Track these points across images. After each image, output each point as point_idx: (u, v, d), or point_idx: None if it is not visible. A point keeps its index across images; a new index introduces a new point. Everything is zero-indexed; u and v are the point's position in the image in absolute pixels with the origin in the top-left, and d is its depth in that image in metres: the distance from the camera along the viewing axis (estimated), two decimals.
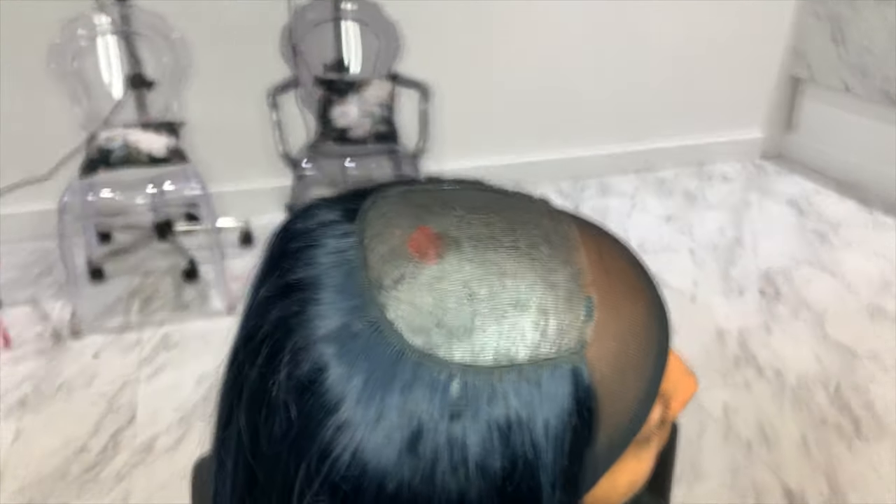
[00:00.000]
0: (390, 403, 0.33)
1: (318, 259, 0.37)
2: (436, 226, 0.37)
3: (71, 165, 2.41)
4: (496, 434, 0.33)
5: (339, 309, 0.35)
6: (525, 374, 0.34)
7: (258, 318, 0.38)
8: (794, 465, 1.79)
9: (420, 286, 0.35)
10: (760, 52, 3.53)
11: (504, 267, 0.36)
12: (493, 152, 3.29)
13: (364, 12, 2.74)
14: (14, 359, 2.17)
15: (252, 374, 0.37)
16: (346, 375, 0.33)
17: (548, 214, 0.41)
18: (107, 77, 2.53)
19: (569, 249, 0.38)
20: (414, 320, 0.34)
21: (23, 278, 2.58)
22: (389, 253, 0.36)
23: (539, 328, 0.35)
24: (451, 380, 0.33)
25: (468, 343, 0.34)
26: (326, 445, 0.33)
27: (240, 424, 0.37)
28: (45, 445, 1.87)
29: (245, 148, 2.92)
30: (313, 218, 0.40)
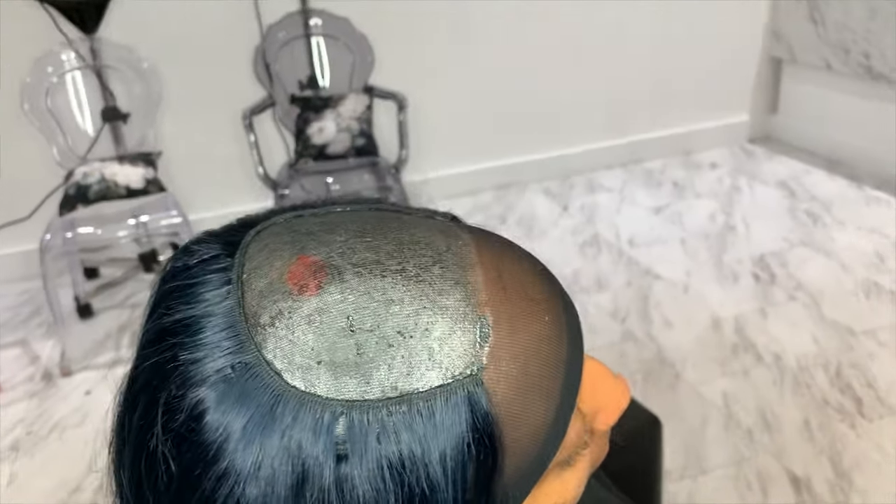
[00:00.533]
0: (271, 449, 0.31)
1: (195, 299, 0.35)
2: (318, 254, 0.35)
3: (51, 204, 2.40)
4: (388, 473, 0.31)
5: (215, 352, 0.33)
6: (416, 405, 0.32)
7: (136, 367, 0.36)
8: (797, 451, 1.76)
9: (299, 321, 0.33)
10: (740, 35, 3.52)
11: (389, 294, 0.34)
12: (476, 157, 3.27)
13: (334, 27, 2.72)
14: (5, 403, 2.15)
15: (132, 426, 0.35)
16: (223, 422, 0.31)
17: (443, 232, 0.38)
18: (79, 113, 2.52)
19: (462, 268, 0.36)
20: (293, 359, 0.32)
21: (12, 320, 2.57)
22: (267, 287, 0.34)
23: (429, 355, 0.33)
24: (336, 419, 0.31)
25: (353, 378, 0.32)
26: (208, 497, 0.32)
27: (125, 479, 0.35)
28: (39, 488, 1.85)
29: (224, 173, 2.91)
30: (193, 255, 0.37)
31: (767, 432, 1.82)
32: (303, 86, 2.73)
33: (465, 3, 2.98)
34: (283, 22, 2.69)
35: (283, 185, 2.64)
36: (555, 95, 3.29)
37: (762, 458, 1.75)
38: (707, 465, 1.75)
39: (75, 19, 2.43)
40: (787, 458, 1.74)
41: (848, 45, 3.13)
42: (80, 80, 2.51)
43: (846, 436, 1.78)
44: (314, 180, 2.64)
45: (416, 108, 2.86)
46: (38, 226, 2.34)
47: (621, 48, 3.31)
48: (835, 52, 3.21)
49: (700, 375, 2.03)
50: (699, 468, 1.74)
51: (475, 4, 3.00)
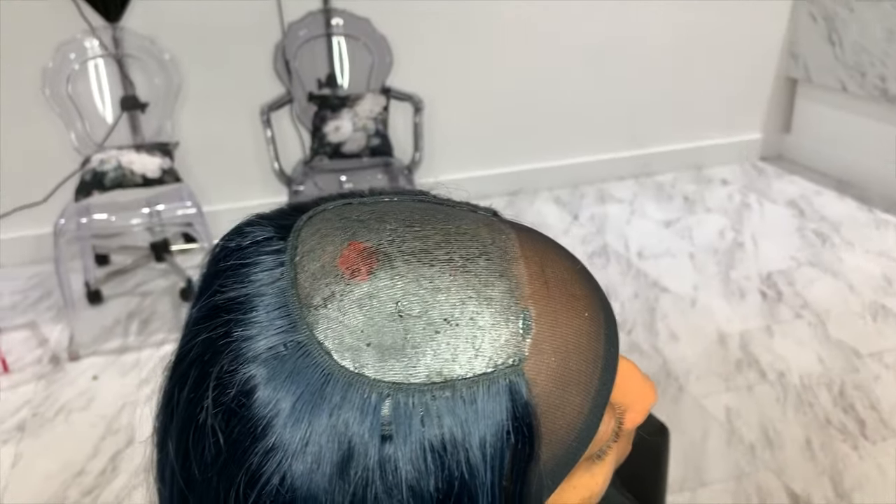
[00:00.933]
0: (319, 426, 0.32)
1: (248, 278, 0.36)
2: (368, 241, 0.36)
3: (67, 189, 2.42)
4: (430, 455, 0.32)
5: (268, 330, 0.34)
6: (459, 391, 0.33)
7: (187, 342, 0.37)
8: (798, 469, 1.76)
9: (350, 304, 0.34)
10: (756, 53, 3.53)
11: (437, 282, 0.35)
12: (488, 162, 3.29)
13: (355, 27, 2.74)
14: (13, 383, 2.17)
15: (181, 400, 0.36)
16: (273, 399, 0.33)
17: (488, 225, 0.39)
18: (99, 100, 2.54)
19: (507, 262, 0.37)
20: (343, 340, 0.33)
21: (22, 302, 2.59)
22: (320, 270, 0.35)
23: (473, 344, 0.34)
24: (382, 400, 0.32)
25: (399, 361, 0.33)
26: (255, 471, 0.32)
27: (171, 451, 0.36)
28: (43, 469, 1.86)
29: (240, 166, 2.92)
30: (246, 236, 0.38)
31: (769, 449, 1.83)
32: (321, 84, 2.74)
33: (485, 9, 3.00)
34: (305, 20, 2.71)
35: (297, 181, 2.66)
36: (570, 104, 3.30)
37: (763, 474, 1.75)
38: (707, 478, 1.75)
39: (99, 7, 2.45)
40: (788, 475, 1.74)
41: (865, 67, 3.14)
42: (101, 68, 2.53)
43: (848, 456, 1.79)
44: (328, 178, 2.66)
45: (431, 110, 2.87)
46: (53, 210, 2.36)
47: (639, 61, 3.32)
48: (851, 74, 3.21)
49: (704, 389, 2.04)
50: (699, 481, 1.74)
51: (496, 11, 3.02)
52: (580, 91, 3.29)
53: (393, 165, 2.69)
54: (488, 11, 3.01)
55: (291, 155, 2.86)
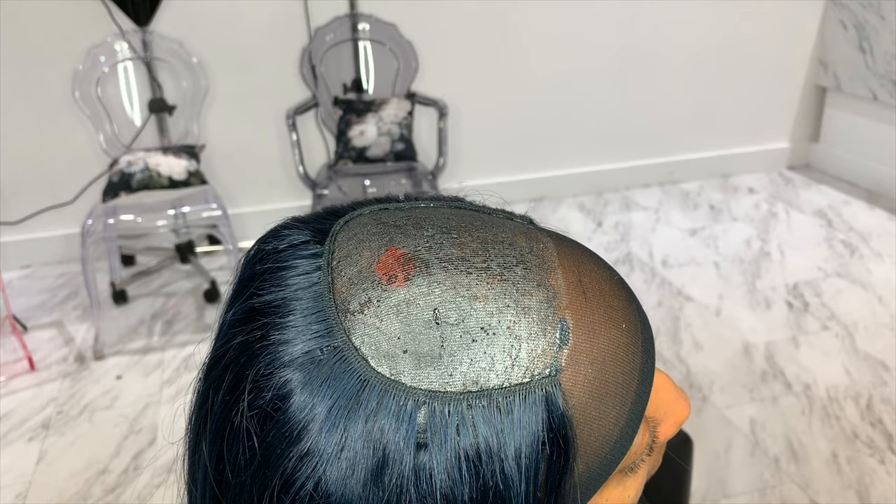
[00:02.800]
0: (354, 432, 0.32)
1: (284, 282, 0.36)
2: (405, 247, 0.36)
3: (95, 190, 2.45)
4: (465, 464, 0.32)
5: (304, 334, 0.34)
6: (495, 401, 0.33)
7: (223, 344, 0.37)
8: (823, 482, 1.73)
9: (387, 311, 0.34)
10: (786, 61, 3.49)
11: (475, 290, 0.35)
12: (513, 168, 3.28)
13: (381, 32, 2.75)
14: (39, 381, 2.19)
15: (216, 402, 0.36)
16: (309, 403, 0.32)
17: (525, 234, 0.39)
18: (128, 103, 2.57)
19: (545, 271, 0.37)
20: (380, 346, 0.33)
21: (48, 301, 2.62)
22: (357, 276, 0.35)
23: (510, 353, 0.34)
24: (418, 408, 0.32)
25: (436, 369, 0.33)
26: (289, 476, 0.32)
27: (205, 453, 0.36)
28: (67, 467, 1.88)
29: (265, 169, 2.94)
30: (283, 239, 0.39)
31: (794, 462, 1.80)
32: (347, 88, 2.76)
33: (511, 16, 3.00)
34: (332, 25, 2.72)
35: (321, 185, 2.67)
36: (595, 111, 3.29)
37: (787, 487, 1.73)
38: (730, 490, 1.73)
39: (129, 11, 2.49)
40: (813, 488, 1.72)
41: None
42: (130, 71, 2.56)
43: (875, 471, 1.76)
44: (352, 182, 2.67)
45: (455, 116, 2.87)
46: (81, 211, 2.40)
47: (665, 68, 3.30)
48: (882, 82, 3.17)
49: (728, 400, 2.01)
50: (721, 492, 1.72)
51: (521, 18, 3.01)
52: (606, 98, 3.28)
53: (417, 170, 2.69)
54: (515, 18, 3.01)
55: (316, 159, 2.87)
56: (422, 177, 2.67)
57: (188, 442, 0.39)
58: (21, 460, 1.90)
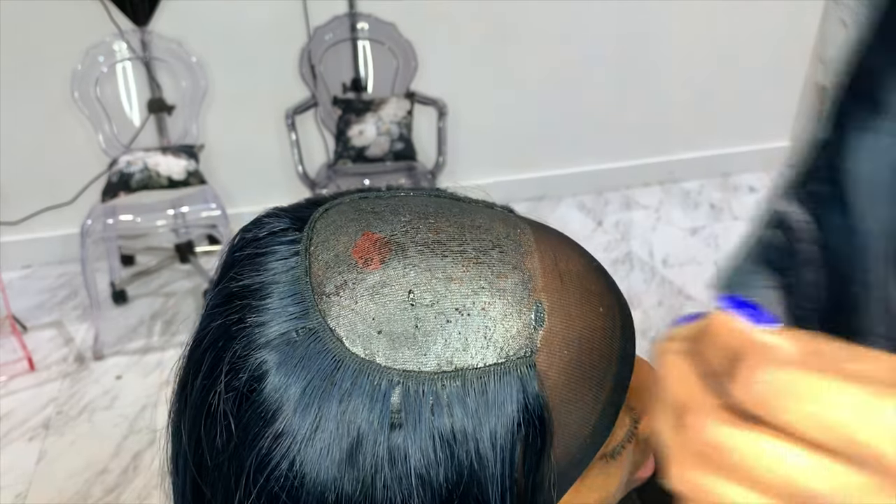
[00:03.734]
0: (328, 413, 0.32)
1: (263, 266, 0.37)
2: (382, 232, 0.37)
3: (94, 190, 2.45)
4: (439, 444, 0.32)
5: (281, 316, 0.34)
6: (470, 381, 0.33)
7: (203, 328, 0.37)
8: None
9: (362, 293, 0.34)
10: (786, 60, 3.48)
11: (450, 272, 0.35)
12: (512, 167, 3.28)
13: (380, 32, 2.75)
14: (38, 381, 2.19)
15: (195, 386, 0.36)
16: (283, 384, 0.33)
17: (503, 220, 0.39)
18: (127, 103, 2.57)
19: (521, 255, 0.37)
20: (355, 327, 0.33)
21: (48, 301, 2.62)
22: (333, 260, 0.36)
23: (485, 334, 0.34)
24: (392, 388, 0.32)
25: (410, 349, 0.33)
26: (264, 456, 0.33)
27: (184, 438, 0.37)
28: (67, 467, 1.88)
29: (264, 169, 2.94)
30: (263, 227, 0.39)
31: None
32: (346, 88, 2.76)
33: (510, 15, 2.99)
34: (330, 24, 2.72)
35: (321, 184, 2.67)
36: (595, 110, 3.28)
37: None
38: None
39: (128, 11, 2.48)
40: None
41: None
42: (129, 71, 2.56)
43: None
44: (351, 181, 2.67)
45: (455, 115, 2.87)
46: (80, 211, 2.39)
47: (665, 66, 3.29)
48: None
49: None
50: None
51: (520, 17, 3.01)
52: (605, 96, 3.28)
53: (416, 170, 2.69)
54: (514, 17, 3.01)
55: (315, 158, 2.87)
56: (421, 176, 2.67)
57: (169, 430, 0.40)
58: (21, 460, 1.90)
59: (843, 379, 0.22)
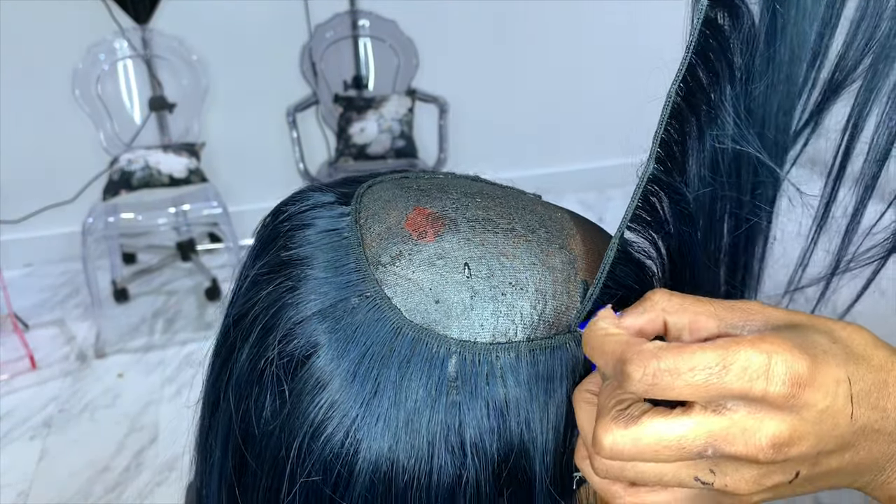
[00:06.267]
0: (386, 379, 0.32)
1: (312, 238, 0.37)
2: (433, 207, 0.37)
3: (95, 188, 2.45)
4: (493, 413, 0.33)
5: (335, 284, 0.34)
6: (523, 353, 0.34)
7: (249, 298, 0.37)
8: None
9: (419, 263, 0.35)
10: None
11: (502, 248, 0.36)
12: (514, 164, 3.27)
13: (381, 29, 2.75)
14: (40, 380, 2.19)
15: (242, 355, 0.36)
16: (340, 351, 0.33)
17: (542, 204, 0.41)
18: (128, 101, 2.57)
19: (564, 236, 0.38)
20: (412, 297, 0.34)
21: (50, 300, 2.62)
22: (386, 232, 0.36)
23: (537, 309, 0.35)
24: (449, 356, 0.33)
25: (466, 320, 0.34)
26: (319, 423, 0.33)
27: (230, 407, 0.36)
28: (69, 465, 1.88)
29: (265, 167, 2.94)
30: (307, 201, 0.39)
31: None
32: (347, 86, 2.75)
33: (511, 11, 2.99)
34: (332, 22, 2.72)
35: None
36: (597, 106, 3.28)
37: None
38: None
39: (129, 9, 2.48)
40: None
41: None
42: (130, 69, 2.56)
43: None
44: None
45: (456, 112, 2.87)
46: (82, 209, 2.39)
47: (668, 63, 3.28)
48: None
49: None
50: None
51: (521, 14, 3.01)
52: (607, 92, 3.27)
53: (418, 167, 2.68)
54: (515, 13, 3.00)
55: (317, 156, 2.87)
56: None
57: (205, 405, 0.39)
58: (23, 459, 1.90)
59: (700, 348, 0.28)
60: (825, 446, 0.29)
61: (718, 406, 0.28)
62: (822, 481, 0.31)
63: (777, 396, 0.27)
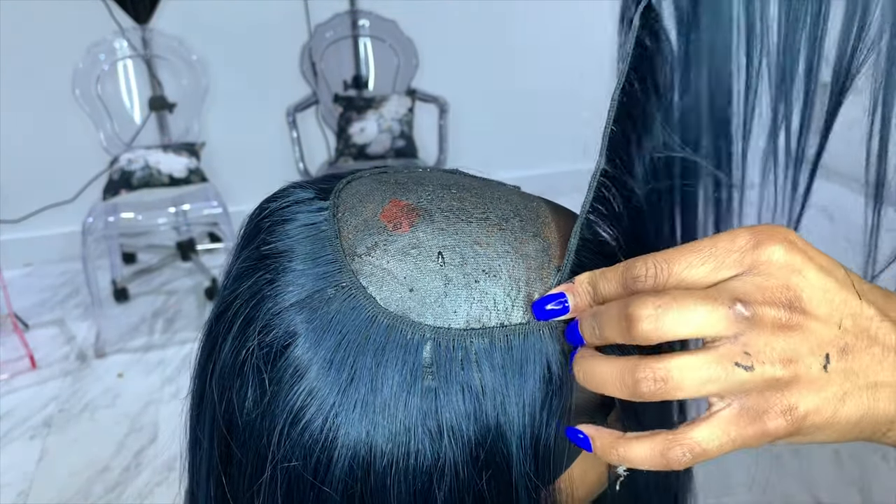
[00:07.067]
0: (362, 366, 0.33)
1: (291, 232, 0.38)
2: (408, 199, 0.38)
3: (96, 188, 2.45)
4: (469, 398, 0.33)
5: (312, 276, 0.35)
6: (497, 339, 0.34)
7: (230, 293, 0.38)
8: (826, 478, 1.73)
9: (393, 253, 0.35)
10: None
11: (476, 237, 0.36)
12: (512, 164, 3.27)
13: (381, 29, 2.75)
14: (40, 379, 2.19)
15: (225, 347, 0.37)
16: (317, 340, 0.34)
17: (518, 194, 0.42)
18: (128, 100, 2.57)
19: (539, 224, 0.39)
20: (387, 286, 0.35)
21: (50, 299, 2.62)
22: (363, 224, 0.37)
23: (510, 295, 0.35)
24: (424, 342, 0.33)
25: (440, 307, 0.34)
26: (298, 410, 0.33)
27: (214, 399, 0.37)
28: (69, 465, 1.88)
29: (265, 167, 2.94)
30: (288, 197, 0.40)
31: (796, 457, 1.80)
32: (347, 85, 2.75)
33: (511, 12, 2.99)
34: (332, 22, 2.72)
35: None
36: (596, 106, 3.28)
37: (789, 483, 1.73)
38: (731, 487, 1.73)
39: (129, 9, 2.48)
40: (815, 485, 1.71)
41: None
42: (130, 69, 2.56)
43: (878, 466, 1.75)
44: None
45: (456, 112, 2.87)
46: (82, 209, 2.39)
47: None
48: None
49: None
50: (723, 489, 1.72)
51: (522, 14, 3.01)
52: (607, 94, 3.27)
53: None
54: (515, 14, 3.00)
55: (316, 156, 2.87)
56: None
57: (193, 397, 0.40)
58: (22, 458, 1.90)
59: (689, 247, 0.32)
60: (839, 318, 0.31)
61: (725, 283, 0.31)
62: (851, 384, 0.31)
63: (781, 255, 0.31)
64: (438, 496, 0.33)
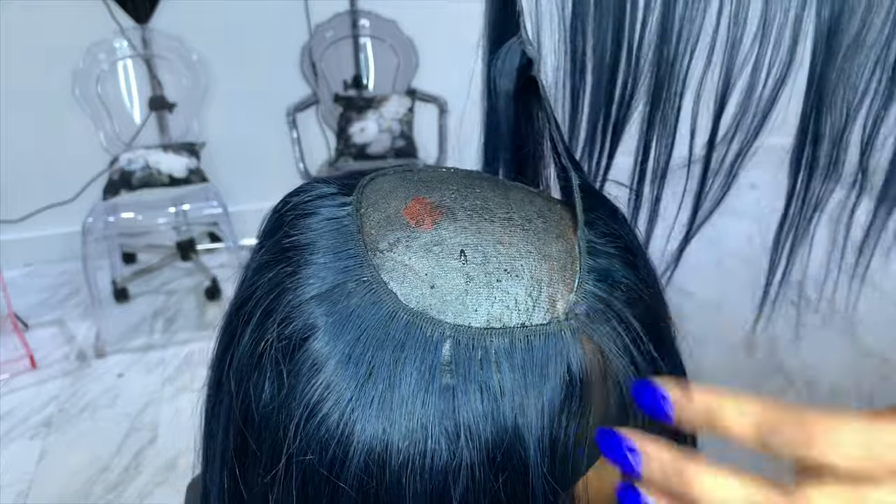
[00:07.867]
0: (381, 362, 0.33)
1: (313, 225, 0.38)
2: (431, 197, 0.38)
3: (96, 188, 2.45)
4: (487, 398, 0.33)
5: (333, 269, 0.35)
6: (518, 339, 0.34)
7: (251, 285, 0.38)
8: None
9: (415, 250, 0.35)
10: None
11: (498, 236, 0.36)
12: None
13: (381, 29, 2.75)
14: (40, 379, 2.19)
15: (244, 338, 0.37)
16: (336, 333, 0.33)
17: (541, 196, 0.42)
18: (128, 100, 2.57)
19: (563, 226, 0.39)
20: (408, 282, 0.35)
21: (50, 299, 2.62)
22: (385, 220, 0.37)
23: (532, 295, 0.35)
24: (444, 340, 0.33)
25: (461, 305, 0.34)
26: (315, 404, 0.33)
27: (231, 390, 0.37)
28: (69, 465, 1.88)
29: (265, 167, 2.94)
30: (311, 192, 0.40)
31: None
32: (347, 85, 2.75)
33: None
34: (332, 22, 2.72)
35: None
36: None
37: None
38: None
39: (129, 9, 2.48)
40: None
41: None
42: (130, 69, 2.56)
43: None
44: None
45: (456, 112, 2.87)
46: (82, 209, 2.39)
47: None
48: None
49: None
50: None
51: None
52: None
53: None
54: None
55: (317, 156, 2.87)
56: None
57: (210, 388, 0.40)
58: (22, 458, 1.90)
59: None
60: None
61: None
62: None
63: None
64: (454, 496, 0.33)
